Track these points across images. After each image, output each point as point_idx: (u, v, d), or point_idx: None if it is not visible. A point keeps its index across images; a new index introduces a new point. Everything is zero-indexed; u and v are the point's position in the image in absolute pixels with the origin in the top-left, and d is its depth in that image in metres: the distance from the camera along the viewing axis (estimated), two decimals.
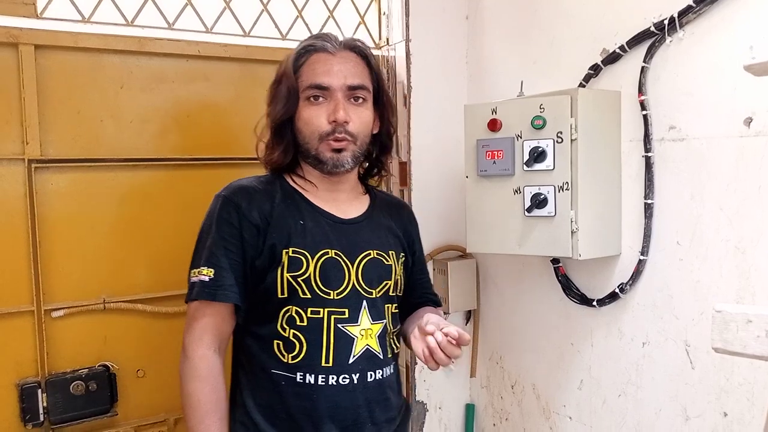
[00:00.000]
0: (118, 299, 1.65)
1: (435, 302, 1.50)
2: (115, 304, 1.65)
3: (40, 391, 1.56)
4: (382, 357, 1.28)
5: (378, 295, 1.29)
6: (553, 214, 1.49)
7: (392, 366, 1.33)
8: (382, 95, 1.33)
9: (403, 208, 1.49)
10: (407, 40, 1.94)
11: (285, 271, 1.21)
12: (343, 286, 1.24)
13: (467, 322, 2.11)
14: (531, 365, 1.89)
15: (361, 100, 1.27)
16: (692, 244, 1.41)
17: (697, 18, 1.36)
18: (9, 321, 1.55)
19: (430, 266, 2.02)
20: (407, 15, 1.94)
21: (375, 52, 2.03)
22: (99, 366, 1.63)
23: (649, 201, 1.48)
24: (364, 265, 1.27)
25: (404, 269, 1.39)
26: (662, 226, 1.47)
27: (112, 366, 1.64)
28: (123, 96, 1.66)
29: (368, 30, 2.04)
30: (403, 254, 1.38)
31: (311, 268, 1.22)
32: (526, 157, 1.51)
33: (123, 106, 1.66)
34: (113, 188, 1.66)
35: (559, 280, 1.73)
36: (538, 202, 1.49)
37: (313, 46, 1.26)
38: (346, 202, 1.33)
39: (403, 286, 1.38)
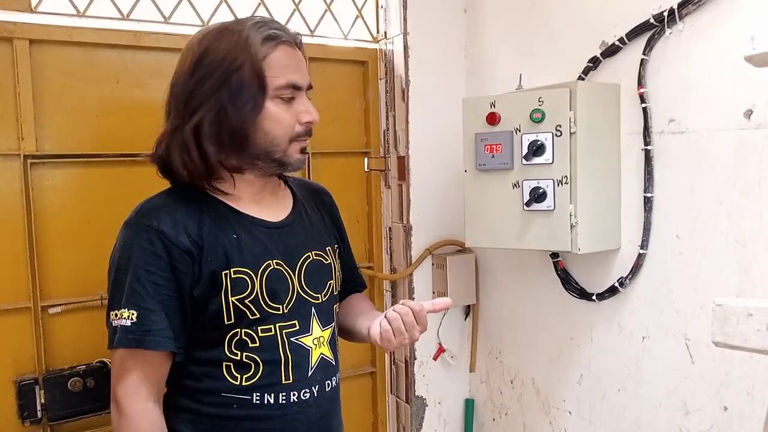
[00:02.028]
0: None
1: (362, 285, 1.44)
2: None
3: (37, 387, 1.55)
4: (334, 363, 1.22)
5: (325, 299, 1.21)
6: (552, 208, 1.48)
7: (339, 370, 1.26)
8: None
9: (324, 194, 1.38)
10: (405, 34, 1.93)
11: (229, 294, 1.08)
12: (289, 297, 1.14)
13: (466, 317, 2.10)
14: (530, 360, 1.89)
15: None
16: (692, 237, 1.40)
17: (697, 10, 1.35)
18: (6, 318, 1.55)
19: (428, 261, 2.02)
20: (405, 8, 1.93)
21: (372, 45, 2.04)
22: (97, 362, 1.62)
23: (648, 194, 1.47)
24: (305, 269, 1.18)
25: (340, 260, 1.32)
26: (662, 219, 1.46)
27: (110, 362, 1.63)
28: (119, 91, 1.65)
29: (366, 23, 2.03)
30: (336, 245, 1.31)
31: (257, 287, 1.10)
32: (525, 150, 1.50)
33: (119, 100, 1.65)
34: (110, 183, 1.65)
35: (559, 275, 1.73)
36: (537, 196, 1.48)
37: (278, 36, 1.09)
38: (272, 202, 1.21)
39: (341, 280, 1.31)
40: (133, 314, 1.04)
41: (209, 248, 1.08)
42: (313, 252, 1.21)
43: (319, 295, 1.20)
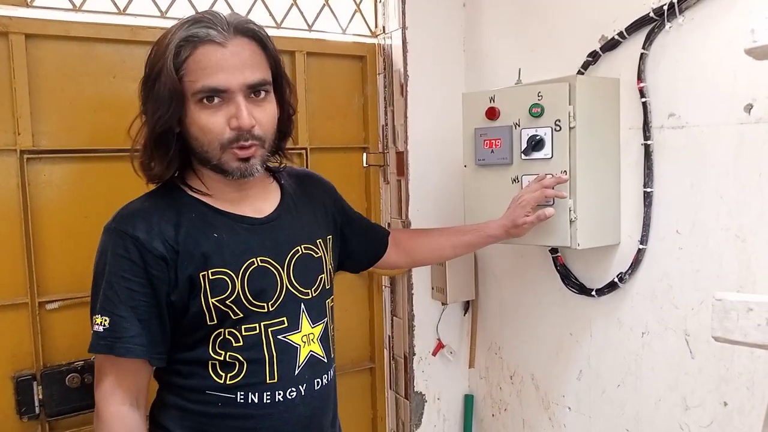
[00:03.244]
0: None
1: (386, 232, 1.51)
2: None
3: (35, 383, 1.55)
4: (326, 360, 1.20)
5: (315, 294, 1.19)
6: (551, 203, 1.47)
7: (334, 366, 1.25)
8: (280, 78, 1.13)
9: (315, 182, 1.35)
10: (404, 28, 1.92)
11: (209, 296, 1.06)
12: (277, 294, 1.12)
13: (465, 313, 2.10)
14: (530, 356, 1.88)
15: (263, 94, 1.08)
16: (692, 232, 1.39)
17: (697, 3, 1.34)
18: (3, 313, 1.54)
19: None
20: (404, 2, 1.91)
21: (371, 40, 2.03)
22: (94, 358, 1.62)
23: (648, 189, 1.47)
24: (294, 264, 1.16)
25: (334, 250, 1.31)
26: (662, 214, 1.46)
27: None
28: (115, 86, 1.64)
29: (364, 18, 2.02)
30: (330, 236, 1.29)
31: (238, 286, 1.08)
32: (524, 145, 1.49)
33: (116, 95, 1.64)
34: (107, 179, 1.64)
35: (558, 270, 1.72)
36: None
37: (197, 37, 1.02)
38: (257, 199, 1.18)
39: (333, 272, 1.30)
40: (105, 320, 1.05)
41: (186, 252, 1.06)
42: (302, 246, 1.19)
43: (309, 291, 1.18)
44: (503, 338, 1.98)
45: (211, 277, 1.07)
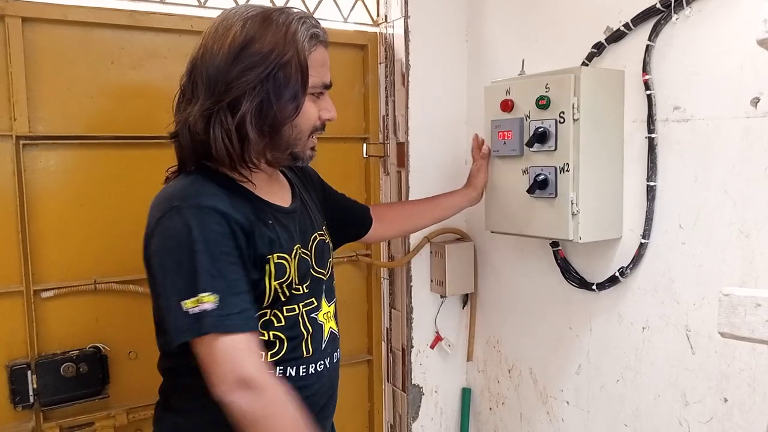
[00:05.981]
0: (109, 280, 1.62)
1: (366, 207, 1.60)
2: (106, 284, 1.62)
3: (29, 372, 1.54)
4: (339, 336, 1.30)
5: (328, 276, 1.28)
6: (553, 195, 1.46)
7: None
8: None
9: (305, 171, 1.41)
10: (406, 17, 1.89)
11: (273, 279, 1.11)
12: (310, 277, 1.21)
13: (464, 306, 2.09)
14: (528, 349, 1.87)
15: None
16: (695, 227, 1.38)
17: None
18: None
19: (427, 249, 2.00)
20: None
21: (373, 29, 2.01)
22: (90, 348, 1.60)
23: (651, 183, 1.45)
24: (314, 249, 1.24)
25: (338, 210, 1.46)
26: (665, 208, 1.45)
27: (104, 348, 1.62)
28: (114, 72, 1.61)
29: (366, 6, 1.99)
30: (326, 222, 1.38)
31: (292, 271, 1.15)
32: (529, 137, 1.48)
33: (114, 82, 1.61)
34: (104, 166, 1.62)
35: (558, 264, 1.71)
36: (540, 182, 1.47)
37: (319, 35, 1.13)
38: (280, 189, 1.25)
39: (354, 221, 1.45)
40: (215, 298, 0.99)
41: (256, 232, 1.09)
42: (317, 233, 1.27)
43: (325, 273, 1.27)
44: (502, 331, 1.98)
45: (276, 261, 1.12)
